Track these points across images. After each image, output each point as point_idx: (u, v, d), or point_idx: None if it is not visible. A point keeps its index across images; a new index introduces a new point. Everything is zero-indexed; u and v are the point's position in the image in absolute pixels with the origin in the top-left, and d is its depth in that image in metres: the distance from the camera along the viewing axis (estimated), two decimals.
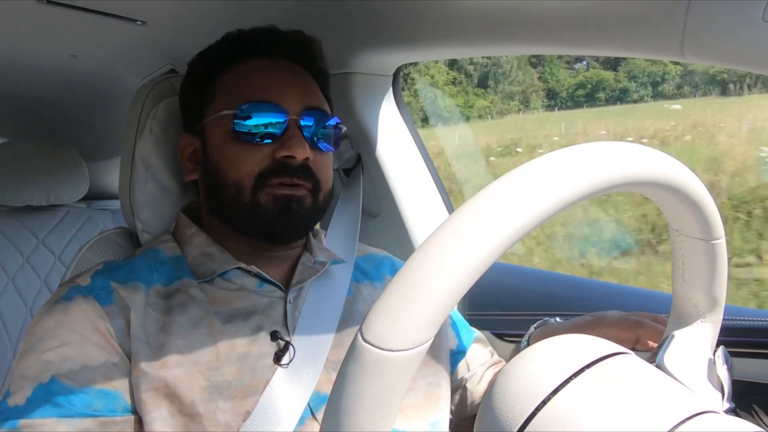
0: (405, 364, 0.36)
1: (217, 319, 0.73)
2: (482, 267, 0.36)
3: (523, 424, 0.42)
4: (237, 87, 0.80)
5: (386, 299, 0.37)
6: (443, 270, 0.36)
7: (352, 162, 1.22)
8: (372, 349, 0.35)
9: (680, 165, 0.46)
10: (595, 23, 0.76)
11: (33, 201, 1.74)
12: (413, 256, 0.37)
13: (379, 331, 0.36)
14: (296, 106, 0.79)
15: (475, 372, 0.94)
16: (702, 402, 0.45)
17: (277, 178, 0.77)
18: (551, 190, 0.38)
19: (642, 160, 0.43)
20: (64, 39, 1.22)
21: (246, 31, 0.85)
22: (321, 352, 0.75)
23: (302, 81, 0.83)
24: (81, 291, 0.73)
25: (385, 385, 0.36)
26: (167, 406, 0.68)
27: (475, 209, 0.37)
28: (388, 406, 0.36)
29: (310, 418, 0.72)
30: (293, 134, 0.77)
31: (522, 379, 0.44)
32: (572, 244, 4.06)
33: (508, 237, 0.37)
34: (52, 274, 1.75)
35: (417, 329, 0.36)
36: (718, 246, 0.51)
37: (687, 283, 0.54)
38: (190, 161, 0.85)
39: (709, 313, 0.55)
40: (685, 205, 0.47)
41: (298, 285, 0.80)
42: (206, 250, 0.80)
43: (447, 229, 0.37)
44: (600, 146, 0.41)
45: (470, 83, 19.76)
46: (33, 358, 0.68)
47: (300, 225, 0.79)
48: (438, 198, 1.26)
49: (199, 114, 0.83)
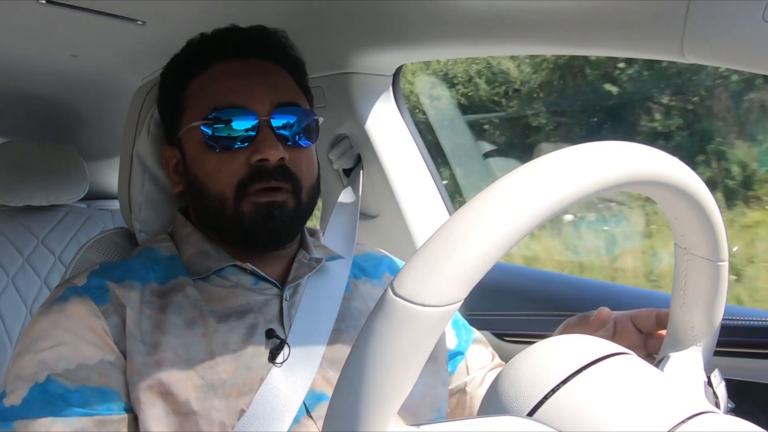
0: (435, 321, 0.35)
1: (211, 317, 0.73)
2: (519, 234, 0.37)
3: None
4: (205, 94, 0.79)
5: (421, 255, 0.37)
6: (482, 231, 0.36)
7: (352, 162, 1.22)
8: (402, 302, 0.35)
9: (701, 181, 0.47)
10: (595, 23, 0.76)
11: (33, 201, 1.74)
12: (452, 216, 0.38)
13: (412, 285, 0.36)
14: (265, 105, 0.77)
15: (475, 375, 0.93)
16: (702, 402, 0.45)
17: (256, 185, 0.75)
18: (590, 174, 0.39)
19: (671, 166, 0.45)
20: (64, 39, 1.22)
21: (208, 34, 0.84)
22: (317, 349, 0.75)
23: (270, 77, 0.81)
24: (77, 291, 0.73)
25: (412, 341, 0.35)
26: (162, 404, 0.67)
27: (515, 180, 0.38)
28: (411, 364, 0.36)
29: (305, 417, 0.71)
30: (265, 136, 0.76)
31: (521, 379, 0.44)
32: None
33: (544, 211, 0.37)
34: (52, 274, 1.75)
35: (451, 286, 0.35)
36: (722, 269, 0.51)
37: (687, 305, 0.54)
38: (175, 173, 0.84)
39: (704, 338, 0.55)
40: (698, 221, 0.48)
41: (294, 282, 0.80)
42: (202, 248, 0.80)
43: (488, 193, 0.38)
44: (640, 147, 0.44)
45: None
46: (29, 358, 0.68)
47: (284, 231, 0.79)
48: (438, 198, 1.26)
49: (176, 125, 0.82)
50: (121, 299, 0.72)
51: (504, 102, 2.83)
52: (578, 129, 2.86)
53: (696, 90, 2.48)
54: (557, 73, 2.54)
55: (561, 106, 2.87)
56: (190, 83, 0.82)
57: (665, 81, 2.50)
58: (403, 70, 1.21)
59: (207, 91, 0.79)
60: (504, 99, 2.87)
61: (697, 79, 2.34)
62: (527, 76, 2.64)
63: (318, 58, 0.93)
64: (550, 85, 2.69)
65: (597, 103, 2.65)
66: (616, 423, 0.40)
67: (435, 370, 0.83)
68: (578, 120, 2.84)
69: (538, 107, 2.81)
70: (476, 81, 2.98)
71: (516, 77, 2.77)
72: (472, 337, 0.96)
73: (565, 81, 2.74)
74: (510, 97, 2.86)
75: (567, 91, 2.77)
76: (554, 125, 2.81)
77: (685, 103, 2.53)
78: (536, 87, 2.73)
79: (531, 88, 2.74)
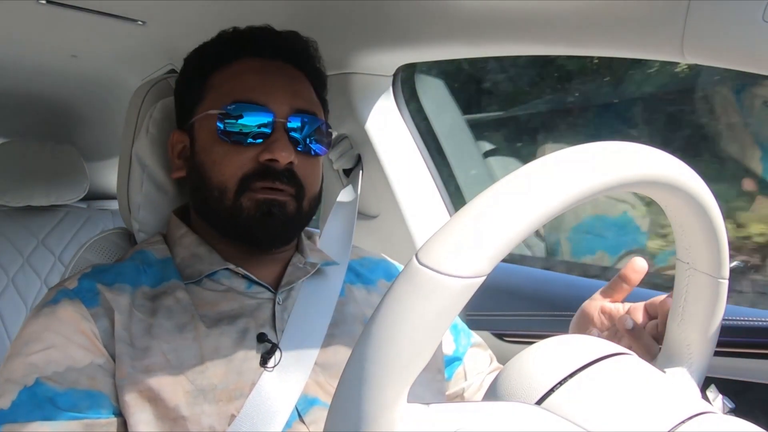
0: (458, 291, 0.36)
1: (202, 322, 0.73)
2: (545, 216, 0.37)
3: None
4: (226, 86, 0.80)
5: (449, 226, 0.37)
6: (510, 208, 0.37)
7: (352, 162, 1.22)
8: (427, 271, 0.35)
9: (711, 194, 0.48)
10: (595, 23, 0.76)
11: (33, 201, 1.74)
12: (483, 192, 0.39)
13: (438, 254, 0.36)
14: (284, 108, 0.78)
15: (473, 382, 0.92)
16: (702, 402, 0.45)
17: (260, 182, 0.76)
18: (618, 169, 0.41)
19: (687, 174, 0.46)
20: (64, 39, 1.22)
21: (241, 29, 0.84)
22: (309, 354, 0.74)
23: (293, 82, 0.82)
24: (67, 294, 0.73)
25: (434, 310, 0.35)
26: (151, 409, 0.67)
27: (544, 166, 0.39)
28: (432, 334, 0.36)
29: (297, 421, 0.71)
30: (278, 137, 0.76)
31: (520, 379, 0.44)
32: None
33: (570, 197, 0.38)
34: (52, 274, 1.75)
35: (476, 258, 0.36)
36: (722, 286, 0.52)
37: (685, 321, 0.55)
38: (179, 158, 0.84)
39: (699, 355, 0.56)
40: (703, 233, 0.48)
41: (288, 286, 0.79)
42: (195, 251, 0.79)
43: (518, 174, 0.39)
44: (660, 151, 0.45)
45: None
46: (18, 361, 0.68)
47: (282, 231, 0.78)
48: (438, 198, 1.26)
49: (190, 111, 0.82)
50: (111, 303, 0.72)
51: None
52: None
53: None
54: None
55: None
56: (213, 73, 0.82)
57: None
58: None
59: (229, 84, 0.80)
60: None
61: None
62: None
63: None
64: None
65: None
66: (616, 423, 0.40)
67: (427, 380, 0.82)
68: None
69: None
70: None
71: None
72: (471, 341, 0.95)
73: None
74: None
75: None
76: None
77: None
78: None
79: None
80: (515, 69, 1.88)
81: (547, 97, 1.89)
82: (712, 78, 1.41)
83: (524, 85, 1.92)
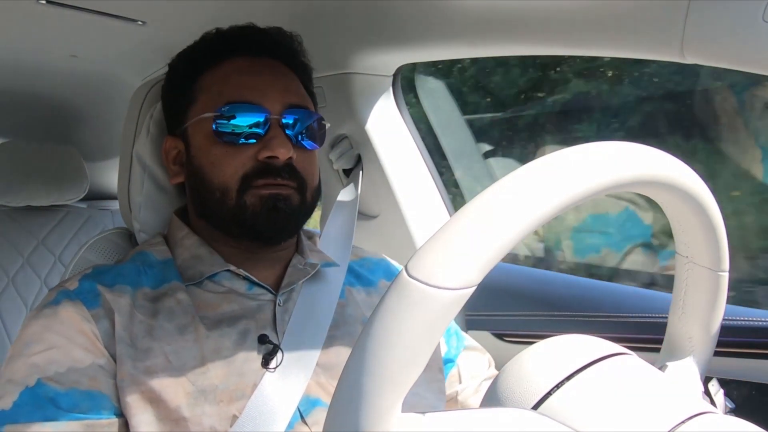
0: (449, 303, 0.35)
1: (202, 324, 0.73)
2: (535, 223, 0.37)
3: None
4: (218, 88, 0.80)
5: (437, 237, 0.37)
6: (499, 217, 0.37)
7: (352, 162, 1.22)
8: (417, 284, 0.35)
9: (708, 189, 0.48)
10: (595, 23, 0.76)
11: (33, 201, 1.74)
12: (470, 202, 0.38)
13: (427, 267, 0.36)
14: (277, 104, 0.78)
15: (468, 384, 0.91)
16: (702, 402, 0.45)
17: (261, 180, 0.76)
18: (609, 170, 0.40)
19: (681, 171, 0.46)
20: (63, 39, 1.22)
21: (224, 29, 0.85)
22: (311, 355, 0.74)
23: (283, 79, 0.83)
24: (68, 295, 0.73)
25: (425, 323, 0.35)
26: (152, 410, 0.67)
27: (533, 171, 0.39)
28: (423, 346, 0.36)
29: (299, 422, 0.71)
30: (275, 134, 0.77)
31: (517, 382, 0.44)
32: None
33: (561, 202, 0.38)
34: (51, 274, 1.75)
35: (466, 270, 0.36)
36: (722, 279, 0.52)
37: (686, 314, 0.55)
38: (175, 164, 0.84)
39: (701, 348, 0.55)
40: (702, 229, 0.48)
41: (288, 287, 0.79)
42: (196, 252, 0.79)
43: (506, 182, 0.38)
44: (653, 149, 0.45)
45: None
46: (20, 362, 0.68)
47: (288, 224, 0.79)
48: (438, 198, 1.26)
49: (182, 116, 0.82)
50: (111, 304, 0.72)
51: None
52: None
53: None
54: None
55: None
56: (201, 76, 0.82)
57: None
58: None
59: (220, 85, 0.80)
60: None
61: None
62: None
63: (318, 58, 0.93)
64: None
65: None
66: (616, 423, 0.40)
67: (427, 380, 0.81)
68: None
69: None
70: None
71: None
72: (464, 344, 0.95)
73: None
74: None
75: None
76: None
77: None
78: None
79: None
80: (515, 69, 1.88)
81: (547, 97, 1.89)
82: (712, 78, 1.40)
83: (524, 85, 1.92)
